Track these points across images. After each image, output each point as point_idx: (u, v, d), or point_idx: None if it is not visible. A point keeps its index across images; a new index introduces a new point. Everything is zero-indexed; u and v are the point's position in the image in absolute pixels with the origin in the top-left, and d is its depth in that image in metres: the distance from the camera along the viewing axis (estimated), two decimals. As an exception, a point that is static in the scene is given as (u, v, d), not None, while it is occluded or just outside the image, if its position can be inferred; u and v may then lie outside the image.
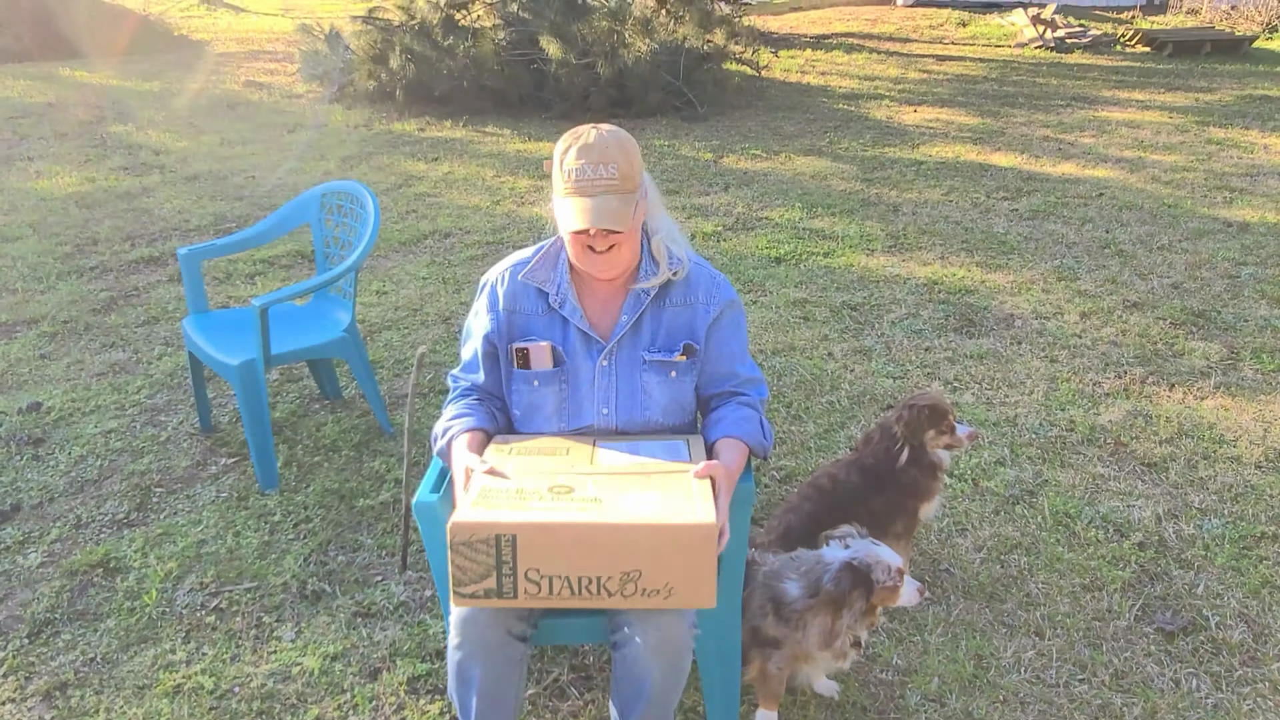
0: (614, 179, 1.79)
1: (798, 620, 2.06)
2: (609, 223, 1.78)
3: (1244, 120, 8.49)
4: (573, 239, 1.86)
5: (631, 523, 1.58)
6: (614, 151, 1.80)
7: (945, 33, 13.07)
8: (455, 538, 1.56)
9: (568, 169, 1.81)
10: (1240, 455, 3.35)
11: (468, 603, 1.62)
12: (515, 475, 1.74)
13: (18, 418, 3.58)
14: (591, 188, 1.79)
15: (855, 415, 3.62)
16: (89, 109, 8.59)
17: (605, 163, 1.79)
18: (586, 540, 1.57)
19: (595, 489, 1.68)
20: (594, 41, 8.42)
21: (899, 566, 2.04)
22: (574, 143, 1.83)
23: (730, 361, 2.02)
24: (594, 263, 1.89)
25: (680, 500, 1.65)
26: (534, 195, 6.37)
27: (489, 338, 2.01)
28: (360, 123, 8.37)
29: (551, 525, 1.57)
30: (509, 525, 1.57)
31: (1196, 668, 2.41)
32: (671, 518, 1.58)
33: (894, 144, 7.79)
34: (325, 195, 3.47)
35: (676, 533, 1.57)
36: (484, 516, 1.58)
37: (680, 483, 1.71)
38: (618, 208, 1.80)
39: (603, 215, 1.78)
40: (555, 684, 2.37)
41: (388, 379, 3.90)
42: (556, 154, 1.85)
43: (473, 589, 1.60)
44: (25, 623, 2.57)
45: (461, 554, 1.57)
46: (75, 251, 5.28)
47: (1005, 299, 4.69)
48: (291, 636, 2.53)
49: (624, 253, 1.88)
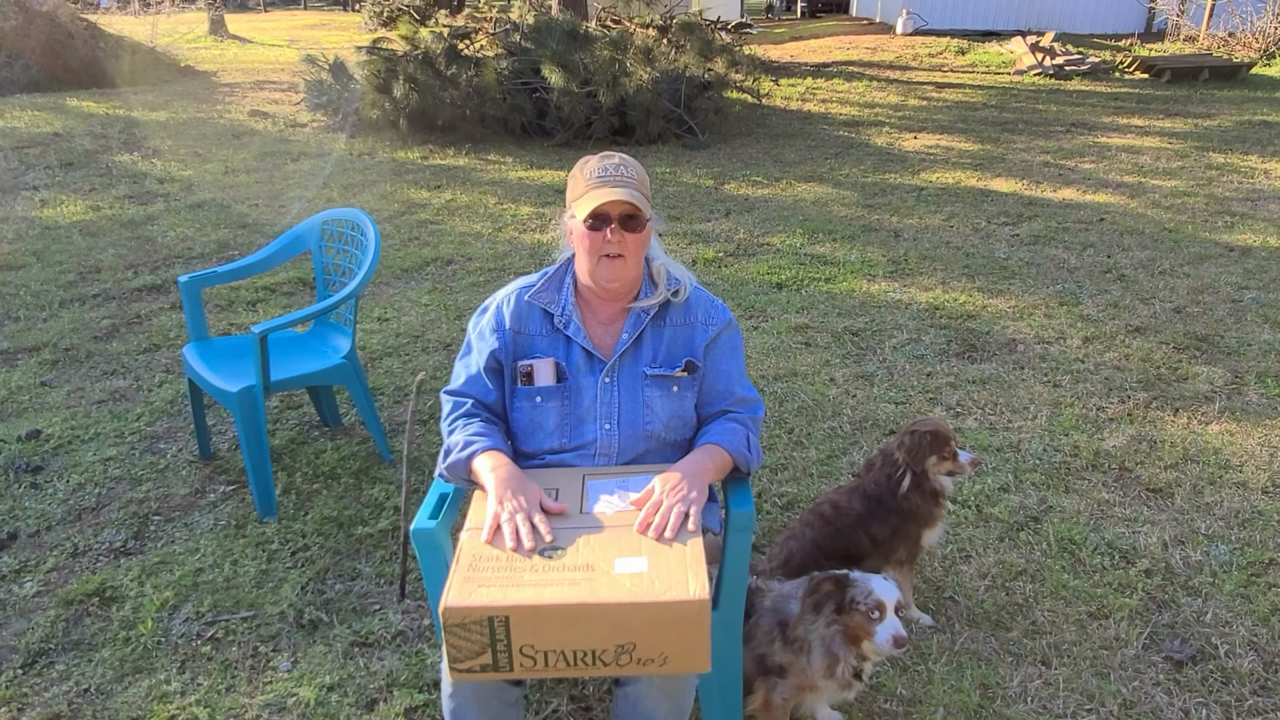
0: (632, 178, 1.93)
1: (801, 643, 2.03)
2: (634, 200, 1.87)
3: (1244, 145, 8.52)
4: (588, 239, 1.91)
5: (623, 602, 1.57)
6: (632, 167, 1.95)
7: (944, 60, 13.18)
8: (449, 620, 1.56)
9: (590, 171, 1.92)
10: (1247, 480, 3.32)
11: (465, 677, 1.61)
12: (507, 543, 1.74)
13: (17, 445, 3.57)
14: (616, 180, 1.90)
15: (857, 441, 3.60)
16: (95, 139, 8.66)
17: (624, 165, 1.94)
18: (579, 618, 1.57)
19: (586, 553, 1.68)
20: (596, 70, 8.49)
21: (882, 600, 1.97)
22: (593, 157, 1.96)
23: (726, 380, 2.05)
24: (604, 269, 1.93)
25: (673, 568, 1.63)
26: (536, 222, 6.40)
27: (495, 354, 2.02)
28: (364, 151, 8.43)
29: (543, 606, 1.56)
30: (501, 607, 1.56)
31: (1206, 697, 2.37)
32: (663, 594, 1.57)
33: (895, 170, 7.82)
34: (326, 222, 3.48)
35: (669, 610, 1.57)
36: (477, 599, 1.57)
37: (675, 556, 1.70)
38: (638, 198, 1.90)
39: (627, 196, 1.87)
40: (554, 716, 2.34)
41: (388, 406, 3.89)
42: (576, 170, 1.97)
43: (469, 664, 1.60)
44: (19, 653, 2.54)
45: (456, 634, 1.57)
46: (78, 279, 5.30)
47: (1007, 324, 4.68)
48: (288, 667, 2.49)
49: (629, 265, 1.94)
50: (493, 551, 1.70)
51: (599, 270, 1.94)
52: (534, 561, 1.66)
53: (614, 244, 1.90)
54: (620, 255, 1.92)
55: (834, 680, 2.02)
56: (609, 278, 1.95)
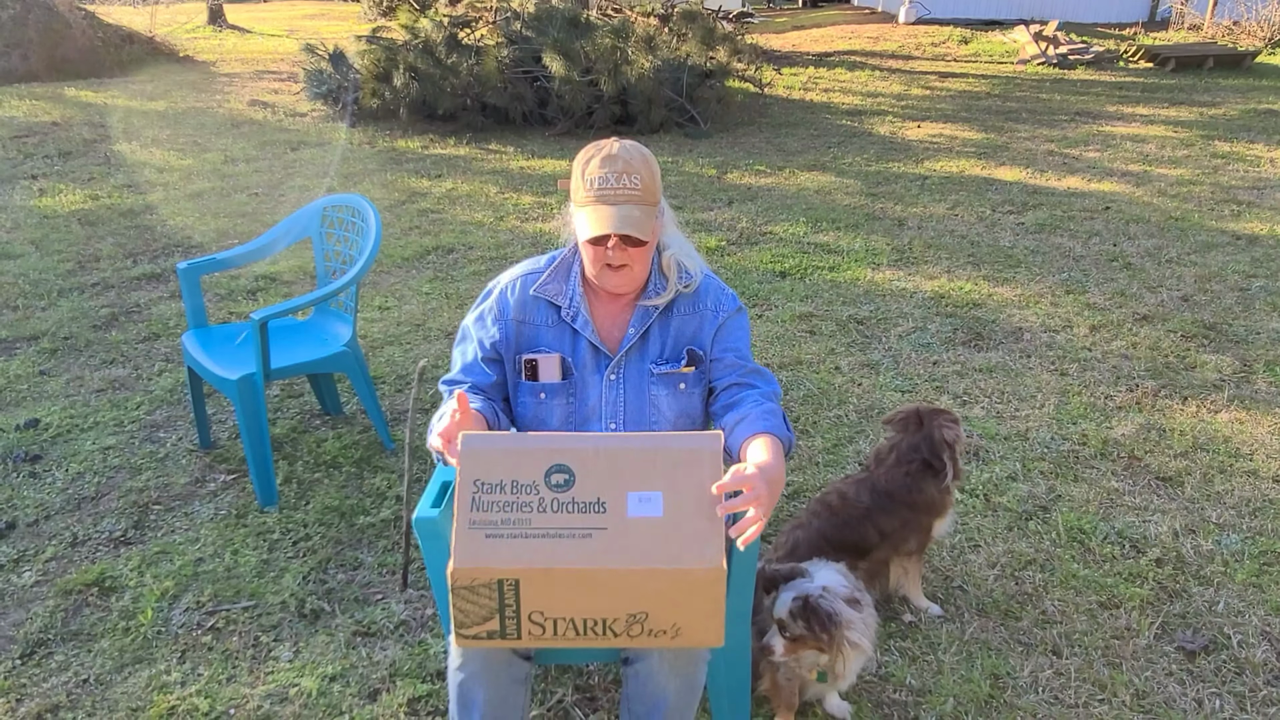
0: (637, 189, 1.77)
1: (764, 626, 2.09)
2: (631, 229, 1.75)
3: (1249, 134, 8.47)
4: (590, 250, 1.84)
5: (638, 567, 1.51)
6: (637, 164, 1.79)
7: (947, 50, 13.10)
8: (456, 582, 1.51)
9: (590, 178, 1.78)
10: (1257, 469, 3.29)
11: (471, 644, 1.55)
12: (506, 460, 1.60)
13: (15, 434, 3.53)
14: (615, 196, 1.76)
15: (863, 430, 3.56)
16: (93, 128, 8.60)
17: (629, 173, 1.77)
18: (591, 583, 1.51)
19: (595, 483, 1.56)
20: (597, 59, 8.43)
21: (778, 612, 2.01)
22: (596, 153, 1.81)
23: (736, 355, 1.98)
24: (608, 277, 1.87)
25: (689, 535, 1.55)
26: (537, 211, 6.35)
27: (495, 345, 1.97)
28: (364, 141, 8.37)
29: (555, 570, 1.51)
30: (512, 570, 1.51)
31: (1220, 688, 2.34)
32: (679, 561, 1.52)
33: (898, 159, 7.77)
34: (327, 209, 3.44)
35: (684, 577, 1.51)
36: (486, 560, 1.52)
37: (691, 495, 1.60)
38: (640, 218, 1.77)
39: (625, 223, 1.75)
40: (559, 705, 2.31)
41: (389, 395, 3.86)
42: (578, 165, 1.83)
43: (475, 630, 1.54)
44: (18, 643, 2.51)
45: (463, 598, 1.51)
46: (77, 268, 5.26)
47: (1013, 312, 4.64)
48: (289, 657, 2.47)
49: (636, 271, 1.87)
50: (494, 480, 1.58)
51: (602, 278, 1.88)
52: (540, 495, 1.55)
53: (618, 258, 1.82)
54: (624, 265, 1.84)
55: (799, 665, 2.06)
56: (613, 286, 1.89)
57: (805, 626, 1.96)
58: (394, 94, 8.62)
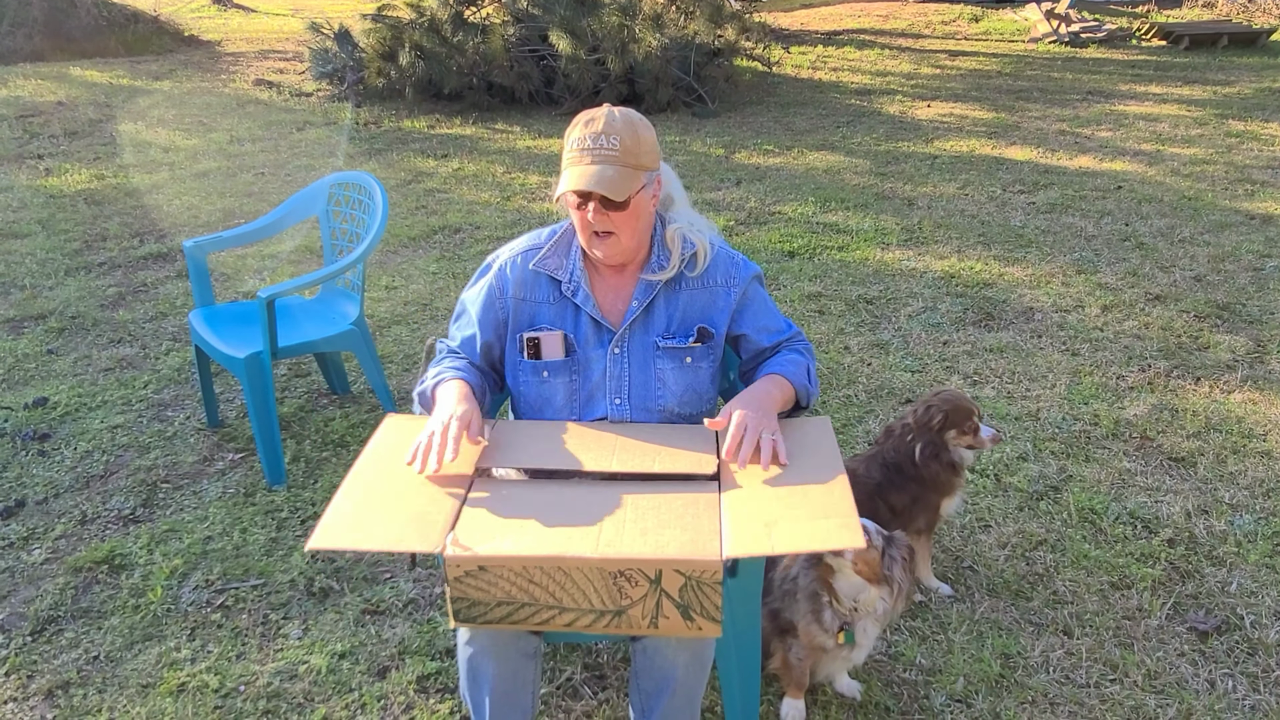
0: (615, 150, 1.76)
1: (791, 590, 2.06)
2: (604, 188, 1.74)
3: (1264, 113, 8.36)
4: (577, 217, 1.84)
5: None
6: (619, 126, 1.79)
7: (958, 28, 12.96)
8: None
9: (572, 140, 1.80)
10: (1271, 450, 3.26)
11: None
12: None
13: (24, 413, 3.53)
14: (592, 156, 1.76)
15: (873, 409, 3.54)
16: (99, 108, 8.58)
17: (608, 134, 1.78)
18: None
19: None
20: (604, 37, 8.35)
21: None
22: (583, 119, 1.82)
23: (768, 332, 1.98)
24: (595, 245, 1.86)
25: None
26: (544, 191, 6.32)
27: (494, 325, 1.95)
28: (369, 120, 8.33)
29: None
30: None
31: (1232, 668, 2.33)
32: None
33: (908, 139, 7.70)
34: (334, 186, 3.42)
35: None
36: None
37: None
38: (614, 178, 1.75)
39: (598, 181, 1.74)
40: (568, 684, 2.31)
41: (397, 374, 3.85)
42: (568, 131, 1.84)
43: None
44: (28, 620, 2.52)
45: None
46: (84, 248, 5.25)
47: (1024, 292, 4.60)
48: (298, 634, 2.47)
49: (623, 240, 1.84)
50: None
51: (591, 245, 1.86)
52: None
53: (599, 222, 1.79)
54: (609, 233, 1.81)
55: (821, 626, 2.01)
56: (602, 255, 1.86)
57: (889, 551, 1.96)
58: (400, 73, 8.57)
